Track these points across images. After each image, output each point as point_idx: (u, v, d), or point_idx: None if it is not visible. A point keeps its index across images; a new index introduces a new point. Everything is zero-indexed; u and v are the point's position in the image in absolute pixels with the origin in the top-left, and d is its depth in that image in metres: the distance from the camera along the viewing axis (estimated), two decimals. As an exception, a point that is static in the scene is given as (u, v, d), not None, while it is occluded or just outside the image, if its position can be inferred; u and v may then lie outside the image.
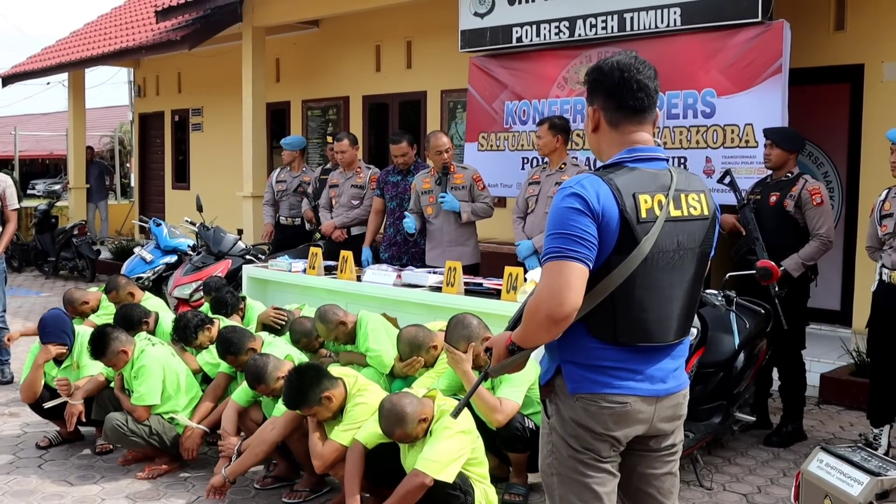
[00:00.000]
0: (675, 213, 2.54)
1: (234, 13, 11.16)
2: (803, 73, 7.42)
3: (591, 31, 7.87)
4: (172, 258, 8.13)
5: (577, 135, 8.04)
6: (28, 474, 4.97)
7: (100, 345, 4.86)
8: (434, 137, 6.82)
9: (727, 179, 5.73)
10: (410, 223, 6.81)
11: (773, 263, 4.64)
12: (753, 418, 5.20)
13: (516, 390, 4.44)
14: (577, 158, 6.68)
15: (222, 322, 5.45)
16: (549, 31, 8.19)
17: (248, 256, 7.66)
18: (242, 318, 6.08)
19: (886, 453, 5.07)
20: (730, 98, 7.09)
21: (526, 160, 8.56)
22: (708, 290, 4.55)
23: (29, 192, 30.06)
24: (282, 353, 4.89)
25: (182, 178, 15.15)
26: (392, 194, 7.31)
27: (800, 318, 5.48)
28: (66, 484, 4.84)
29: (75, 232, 12.28)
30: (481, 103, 9.04)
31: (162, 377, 4.87)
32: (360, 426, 4.11)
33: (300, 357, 4.97)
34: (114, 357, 4.88)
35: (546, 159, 6.51)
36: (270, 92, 12.68)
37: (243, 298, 6.22)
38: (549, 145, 6.28)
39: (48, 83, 20.48)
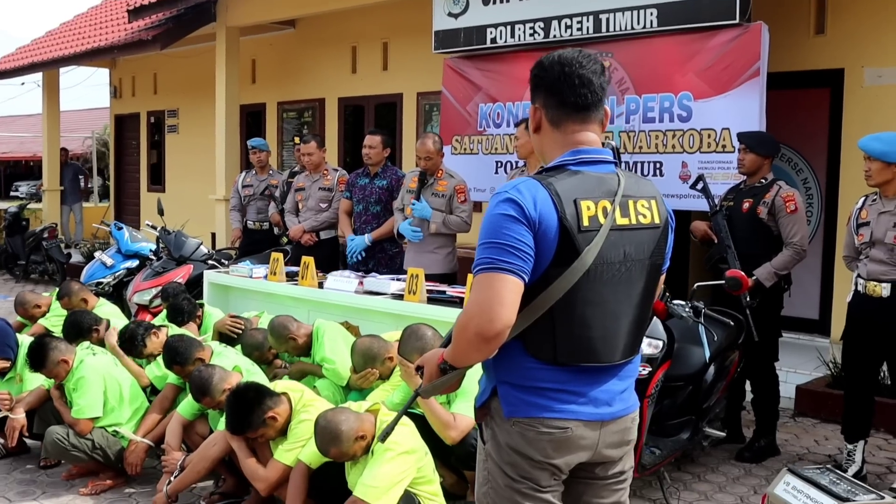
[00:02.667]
0: (621, 221, 2.34)
1: (208, 13, 10.94)
2: (783, 77, 7.26)
3: (566, 32, 7.68)
4: (134, 263, 7.90)
5: (552, 138, 7.87)
6: (-37, 490, 4.74)
7: (38, 356, 4.64)
8: (420, 142, 6.61)
9: (700, 185, 5.55)
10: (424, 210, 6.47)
11: (742, 273, 4.45)
12: (723, 433, 5.00)
13: (472, 405, 4.23)
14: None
15: (171, 330, 5.23)
16: (524, 32, 8.00)
17: (210, 262, 7.43)
18: (200, 325, 5.86)
19: (860, 471, 4.89)
20: (707, 101, 6.91)
21: (500, 164, 8.37)
22: (675, 301, 4.36)
23: (12, 193, 29.72)
24: (231, 363, 4.68)
25: (157, 180, 14.89)
26: (359, 197, 7.10)
27: (772, 329, 5.30)
28: (4, 500, 4.60)
29: (45, 235, 12.04)
30: (455, 106, 8.84)
31: (103, 388, 4.65)
32: (304, 444, 3.90)
33: (249, 368, 4.75)
34: (54, 367, 4.65)
35: (523, 162, 6.31)
36: (246, 94, 12.47)
37: (201, 305, 6.00)
38: (527, 146, 6.07)
39: (23, 83, 20.17)
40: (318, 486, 3.93)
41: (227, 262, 6.99)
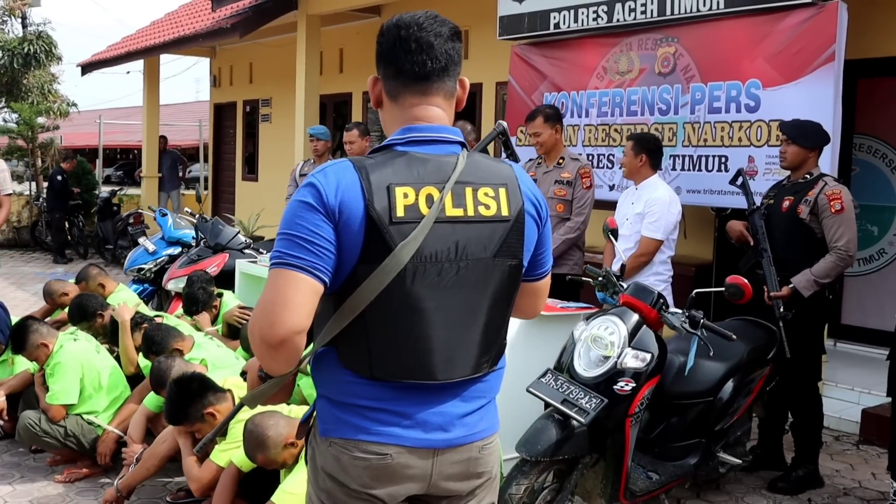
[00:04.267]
0: (453, 211, 1.94)
1: (289, 1, 10.86)
2: (872, 63, 6.55)
3: (629, 15, 7.15)
4: (176, 250, 7.85)
5: (616, 130, 7.38)
6: (-52, 471, 4.70)
7: (19, 338, 4.57)
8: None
9: (739, 180, 4.98)
10: None
11: (744, 280, 3.88)
12: (742, 461, 4.43)
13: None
14: (578, 153, 6.02)
15: (165, 319, 5.07)
16: (587, 16, 7.51)
17: (246, 251, 7.26)
18: (216, 315, 5.71)
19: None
20: (776, 90, 6.25)
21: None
22: (672, 310, 3.85)
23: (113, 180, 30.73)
24: (211, 356, 4.47)
25: (252, 169, 15.02)
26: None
27: (814, 344, 4.69)
28: (-21, 483, 4.54)
29: (130, 221, 12.27)
30: (521, 95, 8.42)
31: (80, 375, 4.52)
32: (239, 446, 3.61)
33: (223, 362, 4.51)
34: (34, 350, 4.57)
35: (541, 156, 5.88)
36: (333, 83, 12.41)
37: (220, 295, 5.84)
38: (549, 140, 5.65)
39: (128, 72, 20.82)
40: (254, 490, 3.64)
41: (263, 252, 6.81)
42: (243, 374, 4.11)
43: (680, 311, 3.82)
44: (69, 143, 19.20)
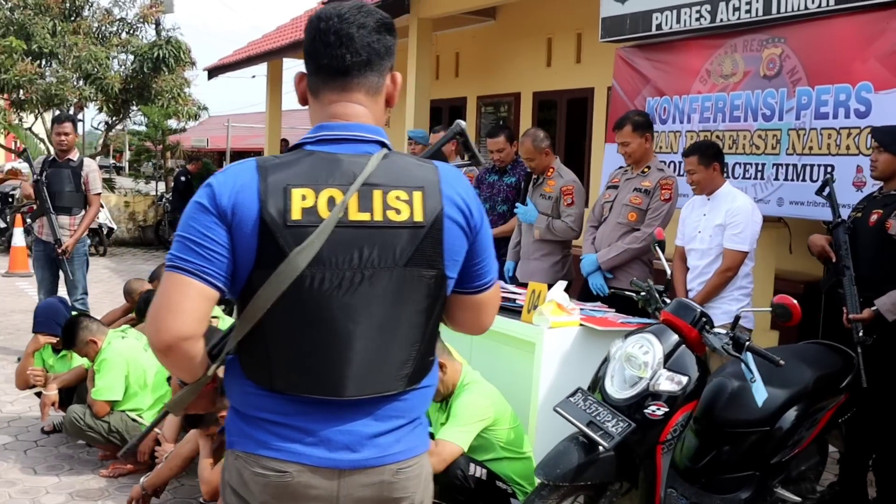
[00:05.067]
0: (357, 215, 1.79)
1: (401, 5, 10.85)
2: None
3: (733, 15, 6.74)
4: None
5: (717, 137, 6.96)
6: (7, 458, 4.85)
7: (69, 334, 4.68)
8: (520, 142, 6.11)
9: (826, 191, 4.56)
10: (529, 214, 5.92)
11: (793, 301, 3.47)
12: (800, 499, 3.99)
13: (462, 431, 3.68)
14: (664, 163, 5.68)
15: (221, 321, 5.06)
16: (690, 16, 7.13)
17: None
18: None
19: None
20: (889, 93, 5.72)
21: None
22: (715, 329, 3.51)
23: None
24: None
25: (373, 173, 15.12)
26: (486, 195, 6.62)
27: (897, 373, 4.22)
28: (30, 472, 4.68)
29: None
30: (624, 99, 8.08)
31: (125, 372, 4.57)
32: None
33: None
34: (83, 346, 4.67)
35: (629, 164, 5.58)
36: (449, 88, 12.35)
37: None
38: (638, 150, 5.35)
39: (253, 76, 21.38)
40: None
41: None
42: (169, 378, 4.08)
43: (723, 331, 3.48)
44: (198, 146, 19.92)
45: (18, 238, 11.55)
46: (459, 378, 3.84)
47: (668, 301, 3.73)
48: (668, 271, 4.03)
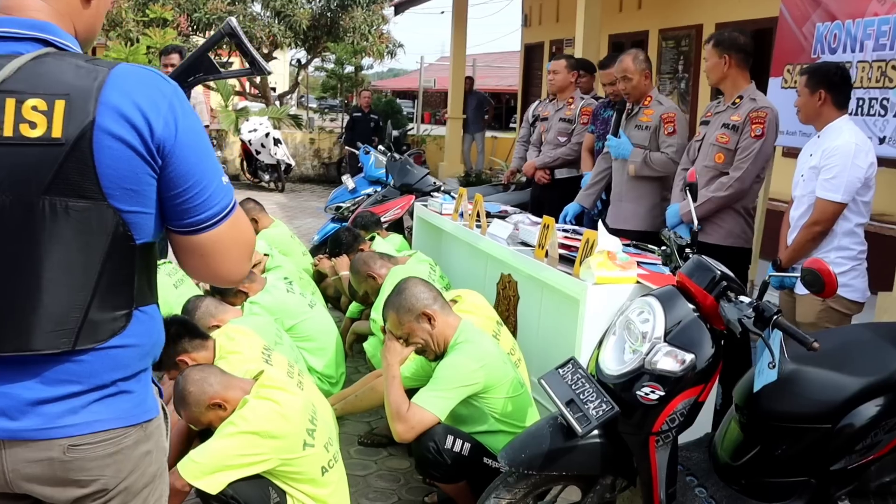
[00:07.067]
0: None
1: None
2: None
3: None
4: (376, 189, 7.56)
5: (893, 67, 5.84)
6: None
7: None
8: (617, 61, 5.33)
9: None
10: (622, 148, 5.13)
11: (827, 267, 2.62)
12: (869, 516, 3.17)
13: (438, 396, 3.18)
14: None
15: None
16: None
17: (435, 194, 6.76)
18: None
19: None
20: None
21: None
22: (742, 297, 2.75)
23: (511, 125, 31.40)
24: (277, 302, 4.16)
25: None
26: (601, 132, 5.92)
27: None
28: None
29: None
30: (791, 27, 7.02)
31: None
32: None
33: (297, 311, 4.23)
34: None
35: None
36: (630, 20, 11.46)
37: (371, 239, 5.50)
38: (716, 69, 4.49)
39: (441, 12, 20.90)
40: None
41: (453, 196, 6.31)
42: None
43: (748, 299, 2.72)
44: (393, 85, 19.85)
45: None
46: (454, 335, 3.33)
47: (692, 257, 3.00)
48: (695, 223, 3.25)
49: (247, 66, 1.80)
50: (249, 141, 13.64)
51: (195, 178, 1.56)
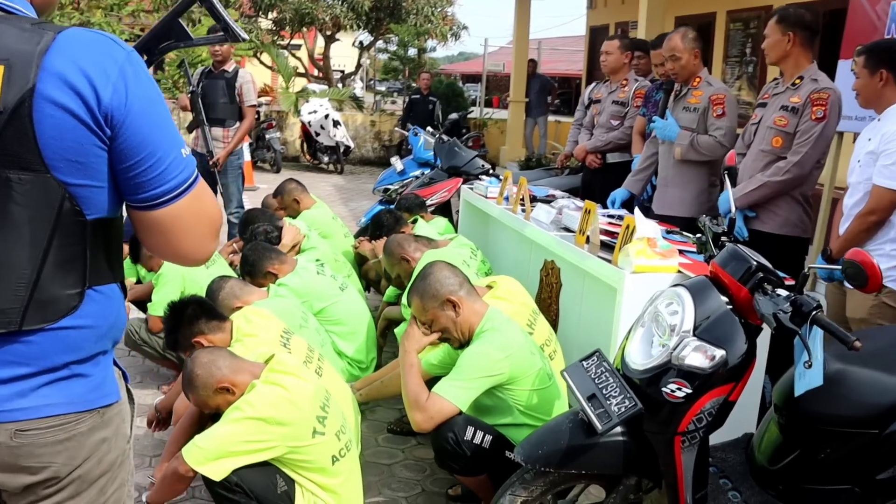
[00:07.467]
0: None
1: None
2: None
3: None
4: (425, 171, 7.41)
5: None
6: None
7: (134, 248, 4.56)
8: (665, 40, 5.10)
9: None
10: (669, 129, 4.92)
11: (871, 260, 2.37)
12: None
13: (460, 386, 3.04)
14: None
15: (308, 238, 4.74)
16: None
17: (482, 177, 6.58)
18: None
19: None
20: None
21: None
22: (780, 290, 2.54)
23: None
24: (305, 284, 4.06)
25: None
26: (652, 115, 5.69)
27: None
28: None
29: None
30: (864, 6, 6.64)
31: (181, 288, 4.35)
32: None
33: (327, 293, 4.14)
34: (147, 260, 4.61)
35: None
36: (697, 2, 11.11)
37: (414, 221, 5.38)
38: (777, 47, 4.24)
39: None
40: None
41: (498, 179, 6.14)
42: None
43: (785, 293, 2.52)
44: (462, 69, 19.64)
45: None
46: (480, 323, 3.18)
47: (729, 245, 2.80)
48: (732, 208, 3.02)
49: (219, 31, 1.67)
50: (309, 122, 13.65)
51: (149, 150, 1.45)
